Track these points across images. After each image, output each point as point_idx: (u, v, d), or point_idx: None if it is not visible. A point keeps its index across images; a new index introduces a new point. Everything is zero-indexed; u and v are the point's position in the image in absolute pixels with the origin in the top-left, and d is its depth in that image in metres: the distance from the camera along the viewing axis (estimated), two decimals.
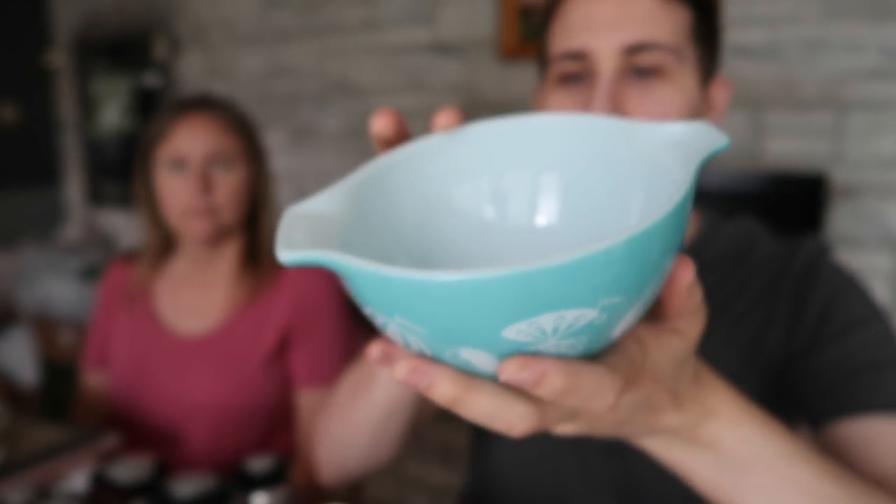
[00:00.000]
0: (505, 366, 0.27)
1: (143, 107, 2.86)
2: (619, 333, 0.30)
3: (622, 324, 0.29)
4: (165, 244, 1.16)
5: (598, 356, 0.32)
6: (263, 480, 0.67)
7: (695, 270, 0.39)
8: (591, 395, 0.29)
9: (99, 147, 3.05)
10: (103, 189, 3.10)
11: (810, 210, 1.69)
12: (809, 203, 1.69)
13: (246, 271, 1.11)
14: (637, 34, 0.60)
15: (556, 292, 0.25)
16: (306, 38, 2.46)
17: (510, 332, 0.26)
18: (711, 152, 0.31)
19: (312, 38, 2.45)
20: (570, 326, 0.27)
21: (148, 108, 2.83)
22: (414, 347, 0.29)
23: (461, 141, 0.37)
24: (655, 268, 0.27)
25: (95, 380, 1.19)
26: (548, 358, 0.28)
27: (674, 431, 0.39)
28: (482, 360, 0.28)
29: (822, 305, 0.65)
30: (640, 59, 0.60)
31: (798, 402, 0.65)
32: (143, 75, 2.85)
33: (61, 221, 3.31)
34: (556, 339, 0.27)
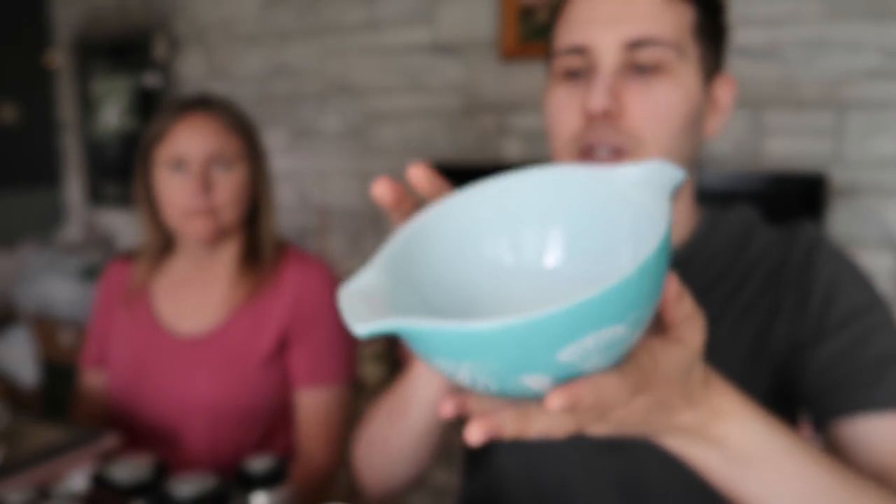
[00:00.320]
0: (551, 400, 0.34)
1: (143, 107, 2.86)
2: (636, 342, 0.37)
3: (638, 333, 0.36)
4: (165, 244, 1.16)
5: (619, 365, 0.38)
6: (263, 480, 0.67)
7: (679, 281, 0.43)
8: (610, 400, 0.37)
9: (99, 147, 3.05)
10: (103, 189, 3.10)
11: (810, 210, 1.69)
12: (809, 203, 1.69)
13: (245, 271, 1.11)
14: (638, 30, 0.60)
15: (595, 317, 0.31)
16: (306, 38, 2.46)
17: (563, 355, 0.33)
18: (674, 187, 0.40)
19: (312, 38, 2.45)
20: (606, 342, 0.33)
21: (148, 108, 2.83)
22: (481, 384, 0.35)
23: (469, 204, 0.44)
24: (658, 282, 0.35)
25: (94, 380, 1.19)
26: (577, 382, 0.35)
27: (688, 429, 0.45)
28: (539, 383, 0.35)
29: (825, 293, 0.65)
30: (641, 54, 0.60)
31: (801, 398, 0.66)
32: (143, 75, 2.85)
33: (61, 221, 3.31)
34: (597, 355, 0.34)
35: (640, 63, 0.61)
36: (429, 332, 0.32)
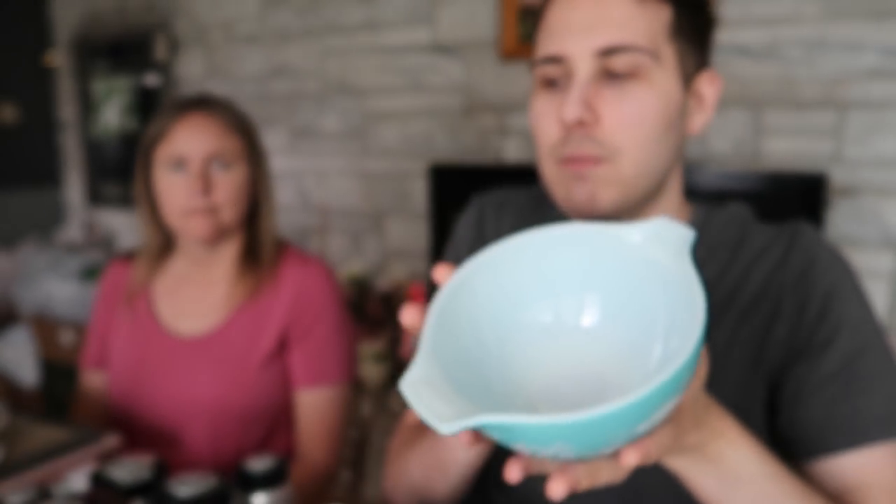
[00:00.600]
0: (627, 459, 0.39)
1: (143, 107, 2.86)
2: None
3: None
4: (165, 244, 1.16)
5: None
6: (263, 480, 0.67)
7: None
8: (664, 446, 0.44)
9: (99, 147, 3.05)
10: (103, 189, 3.10)
11: (810, 210, 1.69)
12: (809, 203, 1.69)
13: (245, 271, 1.11)
14: (610, 37, 0.60)
15: (668, 393, 0.36)
16: (306, 38, 2.46)
17: (641, 427, 0.37)
18: (689, 245, 0.43)
19: (312, 38, 2.45)
20: (670, 408, 0.39)
21: (148, 108, 2.83)
22: (561, 457, 0.38)
23: (504, 269, 0.47)
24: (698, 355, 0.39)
25: (95, 380, 1.19)
26: (643, 441, 0.40)
27: (692, 448, 0.49)
28: (614, 448, 0.39)
29: (821, 304, 0.65)
30: (615, 61, 0.61)
31: (775, 411, 0.67)
32: (143, 75, 2.85)
33: (61, 221, 3.31)
34: (662, 422, 0.40)
35: (614, 70, 0.61)
36: (522, 426, 0.35)
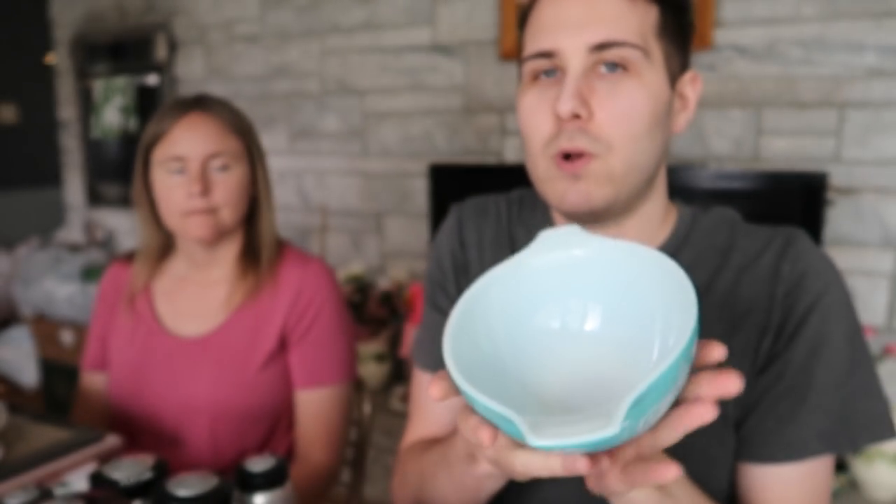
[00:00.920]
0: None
1: (143, 107, 2.86)
2: None
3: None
4: (163, 245, 1.16)
5: None
6: (263, 480, 0.67)
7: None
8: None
9: (99, 147, 3.05)
10: (103, 189, 3.10)
11: (810, 210, 1.69)
12: (809, 203, 1.69)
13: (245, 271, 1.11)
14: (604, 33, 0.61)
15: (670, 381, 0.40)
16: (306, 38, 2.46)
17: (640, 424, 0.41)
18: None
19: (312, 38, 2.45)
20: (667, 403, 0.42)
21: (148, 108, 2.83)
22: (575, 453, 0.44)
23: (518, 282, 0.52)
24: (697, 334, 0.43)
25: (95, 382, 1.19)
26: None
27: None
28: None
29: (801, 317, 0.65)
30: (607, 56, 0.62)
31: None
32: (143, 75, 2.85)
33: (61, 221, 3.31)
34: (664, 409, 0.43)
35: (606, 64, 0.62)
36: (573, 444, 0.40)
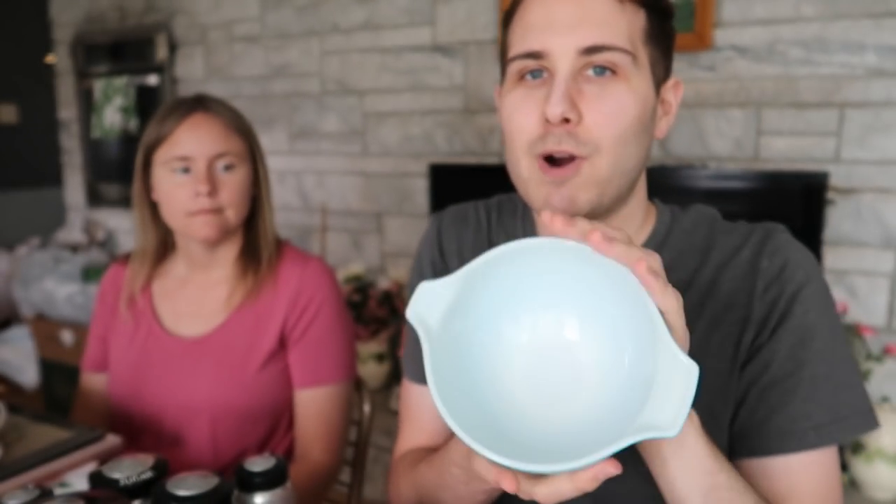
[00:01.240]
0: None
1: (143, 107, 2.86)
2: None
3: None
4: (161, 246, 1.16)
5: None
6: (263, 480, 0.67)
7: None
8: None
9: (99, 147, 3.05)
10: (103, 189, 3.10)
11: (810, 210, 1.69)
12: (809, 203, 1.69)
13: (244, 271, 1.11)
14: (594, 36, 0.61)
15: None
16: (306, 38, 2.46)
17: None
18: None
19: (312, 38, 2.45)
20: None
21: (148, 108, 2.83)
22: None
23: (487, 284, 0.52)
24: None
25: (95, 382, 1.19)
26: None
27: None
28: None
29: (784, 308, 0.65)
30: (597, 59, 0.61)
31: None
32: (143, 75, 2.85)
33: (61, 222, 3.31)
34: None
35: (595, 67, 0.62)
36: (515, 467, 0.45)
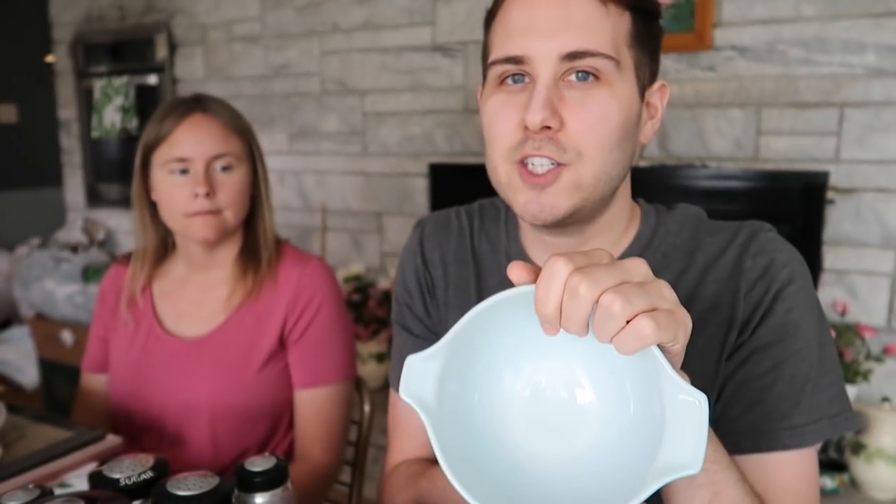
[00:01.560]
0: None
1: (143, 107, 2.86)
2: None
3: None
4: (161, 246, 1.16)
5: None
6: (263, 480, 0.67)
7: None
8: None
9: (99, 147, 3.05)
10: (103, 189, 3.10)
11: (810, 210, 1.69)
12: (809, 203, 1.69)
13: (244, 271, 1.11)
14: (576, 42, 0.59)
15: None
16: (306, 38, 2.46)
17: None
18: None
19: (312, 38, 2.45)
20: None
21: (148, 108, 2.83)
22: None
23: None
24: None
25: (95, 383, 1.19)
26: None
27: None
28: None
29: (767, 307, 0.64)
30: (579, 65, 0.60)
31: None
32: (143, 75, 2.85)
33: (61, 222, 3.31)
34: None
35: (577, 72, 0.60)
36: None
